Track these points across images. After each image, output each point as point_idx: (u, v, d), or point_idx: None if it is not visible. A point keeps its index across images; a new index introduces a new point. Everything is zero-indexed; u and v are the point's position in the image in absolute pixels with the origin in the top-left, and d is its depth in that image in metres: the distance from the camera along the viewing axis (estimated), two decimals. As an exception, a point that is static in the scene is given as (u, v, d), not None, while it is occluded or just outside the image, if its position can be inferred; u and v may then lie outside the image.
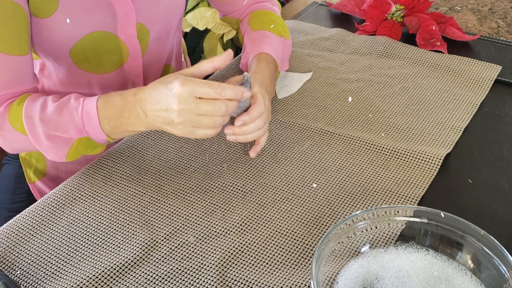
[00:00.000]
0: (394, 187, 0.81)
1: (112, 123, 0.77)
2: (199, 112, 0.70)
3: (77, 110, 0.77)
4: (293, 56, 1.14)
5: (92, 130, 0.78)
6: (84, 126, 0.78)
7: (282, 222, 0.76)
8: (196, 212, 0.79)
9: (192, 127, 0.72)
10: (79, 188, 0.84)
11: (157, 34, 0.95)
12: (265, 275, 0.69)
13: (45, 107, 0.79)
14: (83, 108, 0.77)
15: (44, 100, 0.80)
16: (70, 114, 0.78)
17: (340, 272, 0.66)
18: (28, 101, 0.80)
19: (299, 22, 1.27)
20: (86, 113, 0.77)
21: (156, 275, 0.70)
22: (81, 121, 0.77)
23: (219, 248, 0.73)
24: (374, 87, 1.03)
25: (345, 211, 0.78)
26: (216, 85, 0.69)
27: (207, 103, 0.69)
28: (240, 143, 0.85)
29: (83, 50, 0.87)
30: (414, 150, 0.86)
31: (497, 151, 0.88)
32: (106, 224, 0.78)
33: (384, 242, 0.70)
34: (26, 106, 0.80)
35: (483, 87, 1.02)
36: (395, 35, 1.18)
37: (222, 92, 0.69)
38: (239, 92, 0.70)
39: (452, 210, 0.69)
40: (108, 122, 0.77)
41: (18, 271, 0.72)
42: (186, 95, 0.69)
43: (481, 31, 1.37)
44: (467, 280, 0.64)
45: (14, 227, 0.78)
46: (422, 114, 0.95)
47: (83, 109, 0.77)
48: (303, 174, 0.84)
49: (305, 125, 0.94)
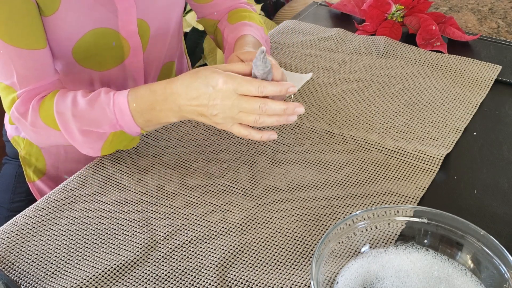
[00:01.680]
0: (394, 187, 0.81)
1: (144, 116, 0.78)
2: (240, 109, 0.70)
3: (108, 105, 0.78)
4: (293, 56, 1.14)
5: (125, 124, 0.79)
6: (118, 120, 0.79)
7: (282, 222, 0.76)
8: (196, 212, 0.79)
9: (231, 122, 0.73)
10: (79, 188, 0.84)
11: (157, 29, 0.95)
12: (265, 275, 0.69)
13: (76, 103, 0.80)
14: (115, 103, 0.78)
15: (74, 96, 0.81)
16: (102, 109, 0.79)
17: (340, 272, 0.66)
18: (58, 97, 0.82)
19: (299, 22, 1.27)
20: (118, 107, 0.78)
21: (156, 275, 0.70)
22: (114, 115, 0.78)
23: (219, 248, 0.73)
24: (374, 87, 1.03)
25: (345, 211, 0.78)
26: (256, 83, 0.69)
27: (246, 100, 0.70)
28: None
29: (85, 47, 0.87)
30: (414, 150, 0.86)
31: (497, 151, 0.88)
32: (106, 224, 0.78)
33: (384, 242, 0.70)
34: (57, 102, 0.81)
35: (483, 87, 1.02)
36: (395, 35, 1.18)
37: (263, 90, 0.69)
38: (283, 89, 0.69)
39: (452, 210, 0.69)
40: (140, 116, 0.78)
41: (18, 271, 0.72)
42: (229, 92, 0.69)
43: (481, 31, 1.37)
44: (467, 280, 0.64)
45: (14, 227, 0.78)
46: (422, 114, 0.95)
47: (114, 103, 0.78)
48: (303, 174, 0.84)
49: (305, 125, 0.94)
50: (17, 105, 0.83)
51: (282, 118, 0.71)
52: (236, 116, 0.71)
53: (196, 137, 0.92)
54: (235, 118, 0.72)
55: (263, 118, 0.70)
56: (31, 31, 0.80)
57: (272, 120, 0.71)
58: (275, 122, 0.71)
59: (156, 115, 0.78)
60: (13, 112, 0.84)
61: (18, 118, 0.84)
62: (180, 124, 0.96)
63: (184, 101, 0.73)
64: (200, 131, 0.94)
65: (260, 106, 0.69)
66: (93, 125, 0.80)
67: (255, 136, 0.74)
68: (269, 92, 0.69)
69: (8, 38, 0.79)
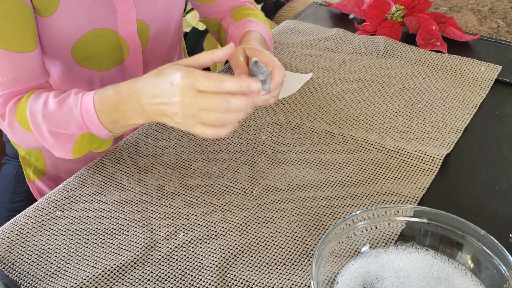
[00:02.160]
0: (394, 187, 0.81)
1: (110, 117, 0.75)
2: (199, 107, 0.65)
3: (76, 106, 0.76)
4: (293, 56, 1.14)
5: (92, 125, 0.77)
6: (85, 121, 0.76)
7: (282, 222, 0.76)
8: (196, 212, 0.79)
9: (192, 122, 0.67)
10: (79, 188, 0.84)
11: (156, 30, 0.95)
12: (265, 275, 0.69)
13: (47, 103, 0.78)
14: (82, 104, 0.76)
15: (46, 96, 0.79)
16: (70, 110, 0.76)
17: (340, 272, 0.66)
18: (32, 98, 0.80)
19: (299, 22, 1.27)
20: (84, 108, 0.76)
21: (156, 275, 0.70)
22: (81, 116, 0.76)
23: (219, 248, 0.73)
24: (374, 87, 1.03)
25: (345, 211, 0.78)
26: (214, 78, 0.64)
27: (205, 97, 0.64)
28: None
29: (84, 48, 0.87)
30: (414, 150, 0.86)
31: (497, 151, 0.88)
32: (106, 224, 0.78)
33: (384, 242, 0.70)
34: (31, 103, 0.79)
35: (483, 87, 1.02)
36: (395, 35, 1.18)
37: (221, 84, 0.63)
38: (243, 84, 0.64)
39: (452, 210, 0.69)
40: (106, 117, 0.75)
41: (18, 271, 0.72)
42: (187, 88, 0.64)
43: (481, 31, 1.37)
44: (467, 280, 0.64)
45: (14, 227, 0.78)
46: (422, 114, 0.95)
47: (81, 104, 0.76)
48: (303, 174, 0.84)
49: (305, 125, 0.94)
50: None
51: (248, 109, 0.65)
52: (196, 114, 0.65)
53: (196, 137, 0.92)
54: (196, 117, 0.66)
55: (225, 115, 0.65)
56: (21, 34, 0.79)
57: (237, 116, 0.66)
58: (242, 116, 0.66)
59: (121, 116, 0.74)
60: None
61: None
62: (180, 124, 0.96)
63: (146, 99, 0.69)
64: (200, 131, 0.94)
65: (220, 102, 0.64)
66: (61, 126, 0.77)
67: (221, 133, 0.68)
68: (228, 88, 0.64)
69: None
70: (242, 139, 0.91)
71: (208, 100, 0.64)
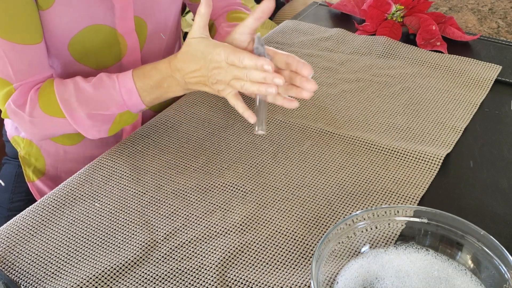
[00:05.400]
0: (394, 187, 0.81)
1: (153, 94, 0.83)
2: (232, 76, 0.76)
3: (114, 88, 0.82)
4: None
5: (132, 104, 0.83)
6: (125, 101, 0.83)
7: (282, 222, 0.76)
8: (196, 212, 0.79)
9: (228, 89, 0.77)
10: (79, 188, 0.84)
11: (154, 27, 0.95)
12: (265, 275, 0.69)
13: (80, 89, 0.83)
14: (120, 84, 0.82)
15: (75, 82, 0.84)
16: (108, 92, 0.82)
17: (340, 272, 0.66)
18: (58, 85, 0.84)
19: (299, 22, 1.27)
20: (124, 88, 0.82)
21: (156, 275, 0.70)
22: (121, 97, 0.82)
23: (219, 248, 0.73)
24: (374, 87, 1.03)
25: (345, 211, 0.78)
26: (238, 55, 0.74)
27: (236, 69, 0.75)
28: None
29: (81, 44, 0.87)
30: (414, 150, 0.86)
31: (497, 151, 0.88)
32: (106, 224, 0.78)
33: (384, 242, 0.70)
34: (58, 90, 0.83)
35: (483, 87, 1.02)
36: (395, 35, 1.18)
37: (242, 61, 0.74)
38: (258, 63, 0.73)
39: (452, 210, 0.69)
40: (148, 94, 0.83)
41: (18, 271, 0.72)
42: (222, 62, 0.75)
43: (481, 31, 1.37)
44: (467, 280, 0.64)
45: (14, 227, 0.78)
46: (422, 114, 0.95)
47: (120, 85, 0.82)
48: (303, 174, 0.84)
49: (305, 125, 0.94)
50: (15, 96, 0.84)
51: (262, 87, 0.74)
52: (230, 82, 0.76)
53: (196, 137, 0.92)
54: (230, 85, 0.77)
55: (247, 84, 0.75)
56: (26, 26, 0.81)
57: (254, 88, 0.74)
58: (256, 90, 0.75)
59: (164, 91, 0.83)
60: (9, 105, 0.84)
61: (15, 110, 0.84)
62: (180, 124, 0.96)
63: (188, 74, 0.79)
64: (200, 131, 0.94)
65: (245, 73, 0.74)
66: (100, 108, 0.83)
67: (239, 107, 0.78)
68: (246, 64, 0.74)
69: (2, 32, 0.79)
70: (242, 139, 0.91)
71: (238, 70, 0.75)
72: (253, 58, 0.73)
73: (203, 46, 0.77)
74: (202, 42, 0.77)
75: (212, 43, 0.77)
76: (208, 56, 0.76)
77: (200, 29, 0.77)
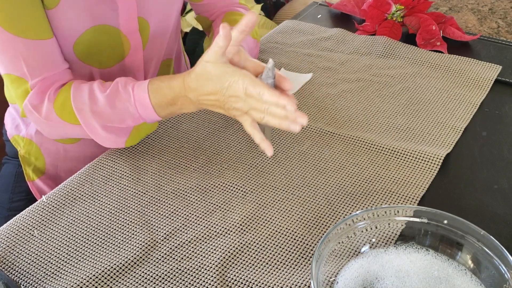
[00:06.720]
0: (394, 187, 0.81)
1: (167, 110, 0.82)
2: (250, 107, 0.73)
3: (129, 101, 0.81)
4: (293, 56, 1.14)
5: (148, 116, 0.82)
6: (140, 114, 0.82)
7: (282, 222, 0.76)
8: (196, 212, 0.79)
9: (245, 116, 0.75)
10: (79, 188, 0.84)
11: (156, 27, 0.96)
12: (265, 275, 0.69)
13: (94, 99, 0.82)
14: (135, 98, 0.81)
15: (90, 90, 0.83)
16: (124, 106, 0.81)
17: (340, 272, 0.66)
18: (74, 92, 0.83)
19: (299, 22, 1.27)
20: (139, 103, 0.81)
21: (156, 275, 0.70)
22: (136, 110, 0.81)
23: (219, 248, 0.73)
24: (374, 87, 1.03)
25: (345, 211, 0.78)
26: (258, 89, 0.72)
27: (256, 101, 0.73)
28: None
29: (86, 44, 0.87)
30: (414, 150, 0.86)
31: (497, 151, 0.88)
32: (106, 224, 0.78)
33: (384, 242, 0.70)
34: (74, 97, 0.82)
35: (483, 87, 1.02)
36: (395, 35, 1.18)
37: (262, 97, 0.72)
38: (279, 101, 0.71)
39: (452, 210, 0.69)
40: (162, 110, 0.82)
41: (18, 271, 0.72)
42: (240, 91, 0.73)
43: (481, 31, 1.37)
44: (467, 280, 0.64)
45: (14, 227, 0.78)
46: (422, 114, 0.95)
47: (135, 99, 0.81)
48: (303, 174, 0.84)
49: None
50: (31, 96, 0.83)
51: (284, 123, 0.72)
52: (249, 112, 0.74)
53: (196, 137, 0.92)
54: (248, 114, 0.75)
55: (268, 117, 0.73)
56: (37, 22, 0.81)
57: (275, 122, 0.73)
58: (277, 124, 0.73)
59: (178, 108, 0.81)
60: (26, 105, 0.84)
61: (31, 110, 0.84)
62: (180, 124, 0.96)
63: (202, 96, 0.77)
64: (200, 131, 0.94)
65: (265, 107, 0.72)
66: (115, 121, 0.82)
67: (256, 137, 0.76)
68: (266, 100, 0.72)
69: (14, 30, 0.79)
70: (242, 139, 0.91)
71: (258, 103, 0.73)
72: (273, 96, 0.71)
73: (219, 71, 0.74)
74: (218, 68, 0.75)
75: (230, 70, 0.74)
76: (225, 83, 0.74)
77: (217, 55, 0.74)
